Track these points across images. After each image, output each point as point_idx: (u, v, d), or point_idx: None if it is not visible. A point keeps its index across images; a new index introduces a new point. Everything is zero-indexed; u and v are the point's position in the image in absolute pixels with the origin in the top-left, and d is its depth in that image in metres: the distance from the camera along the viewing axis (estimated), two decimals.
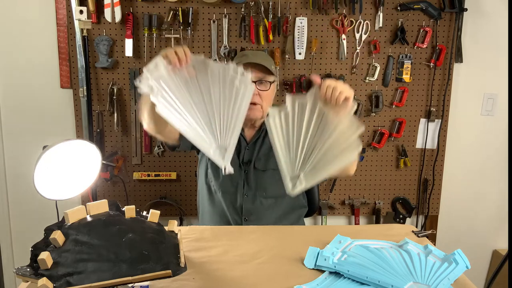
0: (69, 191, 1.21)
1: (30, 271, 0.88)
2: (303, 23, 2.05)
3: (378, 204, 2.29)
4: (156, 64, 1.13)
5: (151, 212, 1.08)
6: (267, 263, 1.14)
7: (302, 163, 1.22)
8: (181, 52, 1.12)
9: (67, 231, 0.95)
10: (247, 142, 1.59)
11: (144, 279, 0.89)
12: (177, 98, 1.15)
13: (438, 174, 2.29)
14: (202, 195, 1.67)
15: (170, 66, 1.13)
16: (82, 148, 1.23)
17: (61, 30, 2.03)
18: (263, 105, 1.50)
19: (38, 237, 0.96)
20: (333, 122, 1.18)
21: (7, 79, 2.09)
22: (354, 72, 2.14)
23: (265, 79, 1.49)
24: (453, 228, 2.39)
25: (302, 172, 1.21)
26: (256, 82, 1.47)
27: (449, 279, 1.05)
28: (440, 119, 2.21)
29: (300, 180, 1.21)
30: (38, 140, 1.52)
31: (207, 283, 1.03)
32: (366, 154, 2.24)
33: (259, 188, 1.58)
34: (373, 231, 1.35)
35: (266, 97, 1.50)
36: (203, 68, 1.16)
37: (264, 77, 1.49)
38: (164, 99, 1.14)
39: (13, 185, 2.19)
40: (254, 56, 1.52)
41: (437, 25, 2.12)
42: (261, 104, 1.49)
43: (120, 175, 2.11)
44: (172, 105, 1.15)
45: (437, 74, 2.17)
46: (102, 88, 2.08)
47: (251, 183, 1.58)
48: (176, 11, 2.00)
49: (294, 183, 1.23)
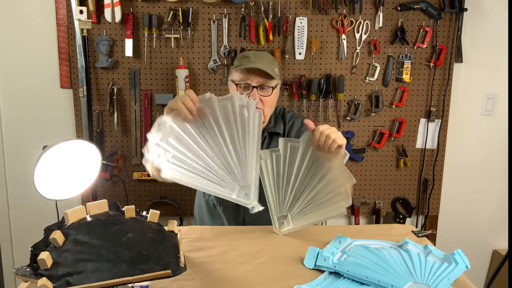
0: (69, 191, 1.21)
1: (30, 271, 0.88)
2: (303, 23, 2.05)
3: (378, 204, 2.29)
4: (159, 125, 1.09)
5: (151, 212, 1.08)
6: (267, 263, 1.14)
7: (290, 204, 1.24)
8: (188, 101, 1.08)
9: (67, 231, 0.95)
10: None
11: (144, 279, 0.89)
12: (190, 150, 1.10)
13: (438, 174, 2.29)
14: (201, 209, 1.65)
15: (180, 120, 1.08)
16: (82, 148, 1.23)
17: (61, 30, 2.03)
18: (265, 110, 1.45)
19: (38, 237, 0.96)
20: (324, 168, 1.18)
21: (7, 79, 2.09)
22: (354, 72, 2.14)
23: (267, 84, 1.45)
24: (453, 228, 2.39)
25: (289, 213, 1.24)
26: (257, 88, 1.43)
27: (449, 279, 1.05)
28: (440, 119, 2.21)
29: (287, 220, 1.24)
30: (38, 140, 1.53)
31: (207, 283, 1.03)
32: (366, 154, 2.24)
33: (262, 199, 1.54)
34: (373, 231, 1.35)
35: (268, 103, 1.46)
36: (211, 106, 1.11)
37: (266, 82, 1.44)
38: (174, 158, 1.10)
39: (13, 185, 2.19)
40: (256, 59, 1.45)
41: (437, 25, 2.12)
42: (263, 110, 1.44)
43: (120, 175, 2.11)
44: (183, 162, 1.11)
45: (437, 74, 2.17)
46: (102, 88, 2.08)
47: None
48: (176, 11, 2.00)
49: (282, 222, 1.26)
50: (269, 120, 1.56)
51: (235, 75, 1.47)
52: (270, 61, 1.50)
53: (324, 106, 2.16)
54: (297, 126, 1.57)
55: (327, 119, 2.17)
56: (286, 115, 1.61)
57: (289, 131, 1.57)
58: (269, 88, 1.45)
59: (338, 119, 2.19)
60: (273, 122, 1.57)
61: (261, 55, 1.50)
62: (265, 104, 1.45)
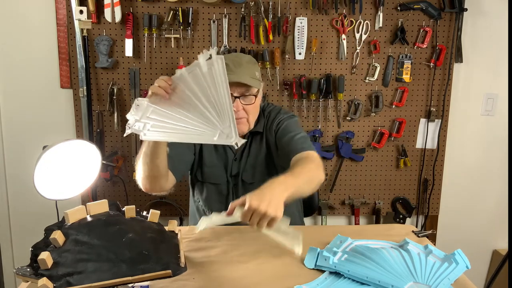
0: (69, 191, 1.21)
1: (30, 271, 0.88)
2: (303, 23, 2.05)
3: (378, 204, 2.29)
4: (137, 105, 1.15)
5: (151, 212, 1.08)
6: (267, 263, 1.14)
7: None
8: (161, 81, 1.15)
9: (67, 231, 0.95)
10: (234, 153, 1.53)
11: (144, 279, 0.89)
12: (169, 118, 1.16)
13: (438, 174, 2.29)
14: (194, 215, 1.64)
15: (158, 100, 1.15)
16: (82, 148, 1.23)
17: (61, 30, 2.03)
18: (249, 118, 1.43)
19: (38, 237, 0.96)
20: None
21: (7, 79, 2.09)
22: (354, 72, 2.14)
23: (249, 93, 1.40)
24: (453, 228, 2.39)
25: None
26: (239, 98, 1.39)
27: (449, 279, 1.05)
28: (440, 119, 2.21)
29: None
30: (38, 140, 1.52)
31: (207, 283, 1.03)
32: (366, 154, 2.24)
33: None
34: (373, 231, 1.35)
35: (251, 110, 1.43)
36: (184, 80, 1.17)
37: (247, 91, 1.39)
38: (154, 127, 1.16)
39: (13, 185, 2.19)
40: (236, 68, 1.36)
41: (437, 25, 2.11)
42: (247, 118, 1.42)
43: (120, 175, 2.11)
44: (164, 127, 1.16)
45: (437, 74, 2.17)
46: (102, 88, 2.08)
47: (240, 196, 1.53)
48: (176, 11, 2.00)
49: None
50: None
51: None
52: (250, 67, 1.41)
53: (324, 106, 2.16)
54: (272, 117, 1.52)
55: (327, 119, 2.17)
56: (265, 110, 1.56)
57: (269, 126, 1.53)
58: (251, 96, 1.41)
59: (338, 119, 2.19)
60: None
61: (239, 62, 1.39)
62: (248, 112, 1.42)
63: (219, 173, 1.52)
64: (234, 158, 1.53)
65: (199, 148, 1.53)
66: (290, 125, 1.48)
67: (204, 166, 1.52)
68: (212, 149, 1.53)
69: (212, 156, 1.53)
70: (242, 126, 1.42)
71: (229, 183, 1.53)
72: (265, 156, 1.52)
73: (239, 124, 1.40)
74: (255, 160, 1.51)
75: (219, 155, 1.53)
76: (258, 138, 1.53)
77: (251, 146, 1.53)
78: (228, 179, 1.53)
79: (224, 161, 1.53)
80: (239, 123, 1.41)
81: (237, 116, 1.38)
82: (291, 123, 1.49)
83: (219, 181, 1.53)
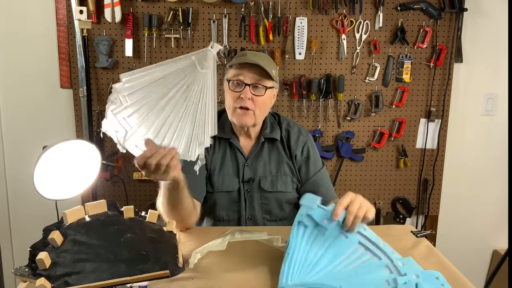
0: (69, 191, 1.21)
1: (29, 271, 0.88)
2: (303, 23, 2.05)
3: (378, 204, 2.29)
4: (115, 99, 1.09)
5: (149, 212, 1.08)
6: (267, 263, 1.13)
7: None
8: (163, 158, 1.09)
9: (65, 231, 0.95)
10: (246, 157, 1.49)
11: (142, 279, 0.89)
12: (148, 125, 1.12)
13: (438, 174, 2.29)
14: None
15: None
16: (82, 148, 1.23)
17: (61, 30, 2.03)
18: (255, 111, 1.37)
19: (38, 237, 0.96)
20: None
21: (7, 79, 2.09)
22: (354, 72, 2.14)
23: (261, 83, 1.36)
24: (453, 228, 2.39)
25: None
26: (250, 85, 1.34)
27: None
28: (440, 119, 2.21)
29: None
30: (38, 140, 1.53)
31: (206, 283, 1.03)
32: (366, 154, 2.23)
33: (263, 210, 1.49)
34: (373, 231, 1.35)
35: (260, 104, 1.37)
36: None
37: (260, 81, 1.35)
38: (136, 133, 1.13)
39: (13, 185, 2.19)
40: (253, 57, 1.37)
41: (437, 25, 2.11)
42: (253, 110, 1.37)
43: (120, 175, 2.11)
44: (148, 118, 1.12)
45: (437, 74, 2.17)
46: (102, 88, 2.08)
47: (254, 203, 1.47)
48: (176, 11, 2.00)
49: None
50: (264, 125, 1.50)
51: (230, 72, 1.40)
52: (268, 61, 1.41)
53: (324, 106, 2.16)
54: (294, 138, 1.51)
55: (327, 119, 2.17)
56: (282, 122, 1.55)
57: (287, 142, 1.51)
58: (263, 88, 1.36)
59: (338, 119, 2.18)
60: (269, 128, 1.50)
61: (259, 54, 1.43)
62: (256, 104, 1.37)
63: (231, 180, 1.47)
64: (245, 164, 1.49)
65: (210, 159, 1.47)
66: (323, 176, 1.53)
67: (213, 177, 1.46)
68: (219, 157, 1.48)
69: (222, 164, 1.48)
70: (247, 118, 1.38)
71: (240, 189, 1.47)
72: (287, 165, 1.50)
73: (244, 115, 1.37)
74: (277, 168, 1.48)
75: (228, 162, 1.48)
76: (275, 145, 1.51)
77: (263, 151, 1.49)
78: (240, 185, 1.47)
79: (235, 167, 1.48)
80: (244, 114, 1.37)
81: (244, 105, 1.35)
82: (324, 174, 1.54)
83: (231, 188, 1.47)
